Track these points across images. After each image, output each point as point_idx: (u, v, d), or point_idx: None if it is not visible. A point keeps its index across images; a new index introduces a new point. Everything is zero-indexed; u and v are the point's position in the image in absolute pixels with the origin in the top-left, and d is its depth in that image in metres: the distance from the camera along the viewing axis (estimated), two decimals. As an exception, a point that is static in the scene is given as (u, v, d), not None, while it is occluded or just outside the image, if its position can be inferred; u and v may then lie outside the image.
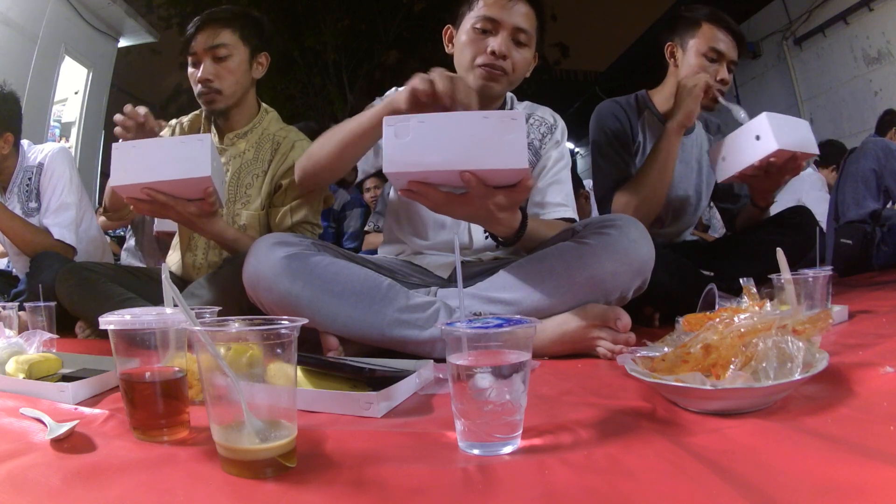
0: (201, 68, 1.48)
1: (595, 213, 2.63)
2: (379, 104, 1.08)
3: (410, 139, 0.89)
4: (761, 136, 1.41)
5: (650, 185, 1.52)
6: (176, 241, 1.69)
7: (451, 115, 0.92)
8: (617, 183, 1.59)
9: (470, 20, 1.25)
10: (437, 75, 0.99)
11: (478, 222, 1.10)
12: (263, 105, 1.64)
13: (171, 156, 1.15)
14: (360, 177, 1.29)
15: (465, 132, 0.88)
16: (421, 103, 1.00)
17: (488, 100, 1.29)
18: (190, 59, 1.50)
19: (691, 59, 1.61)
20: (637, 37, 7.32)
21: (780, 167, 1.44)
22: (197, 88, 1.50)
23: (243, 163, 1.55)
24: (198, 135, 1.19)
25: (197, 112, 1.66)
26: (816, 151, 1.48)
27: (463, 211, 0.99)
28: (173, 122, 1.69)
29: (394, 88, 1.39)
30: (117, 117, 1.32)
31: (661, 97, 1.72)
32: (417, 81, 0.99)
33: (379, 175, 3.49)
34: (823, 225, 2.42)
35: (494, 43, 1.22)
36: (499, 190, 0.94)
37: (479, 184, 0.91)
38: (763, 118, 1.41)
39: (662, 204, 1.57)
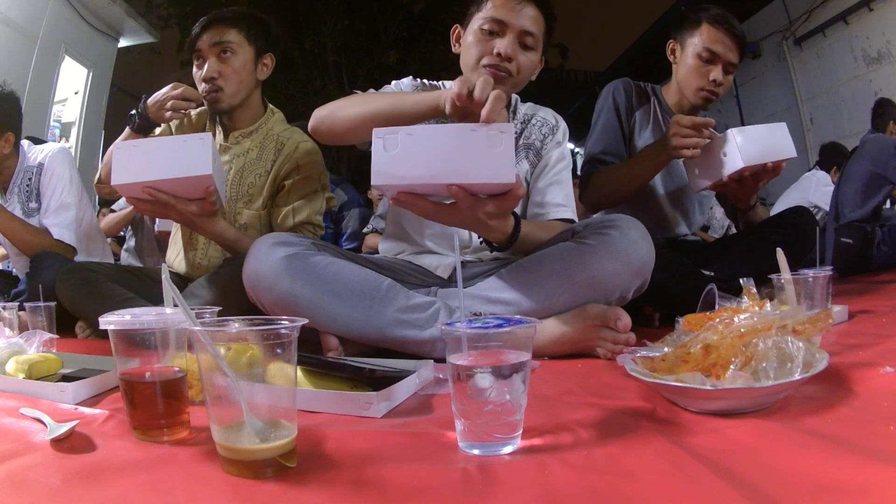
0: (206, 66, 1.47)
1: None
2: (425, 97, 1.04)
3: (398, 151, 0.88)
4: (728, 153, 1.44)
5: (627, 180, 1.59)
6: (173, 236, 1.69)
7: (439, 128, 0.91)
8: (603, 151, 1.67)
9: (478, 21, 1.25)
10: (481, 84, 0.94)
11: (469, 229, 1.10)
12: (270, 106, 1.64)
13: (172, 155, 1.15)
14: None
15: (452, 145, 0.88)
16: (461, 110, 0.98)
17: None
18: (195, 60, 1.49)
19: (688, 58, 1.63)
20: (637, 37, 7.31)
21: (754, 175, 1.47)
22: (201, 87, 1.49)
23: (247, 162, 1.55)
24: (199, 134, 1.19)
25: (204, 108, 1.66)
26: (792, 154, 1.49)
27: (452, 220, 0.99)
28: None
29: (409, 78, 1.38)
30: (175, 100, 1.34)
31: (670, 94, 1.76)
32: (458, 86, 0.96)
33: None
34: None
35: (501, 45, 1.21)
36: (488, 199, 0.94)
37: (466, 195, 0.91)
38: (729, 135, 1.43)
39: (630, 196, 1.62)
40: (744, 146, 1.41)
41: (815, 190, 3.41)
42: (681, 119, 1.44)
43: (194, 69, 1.50)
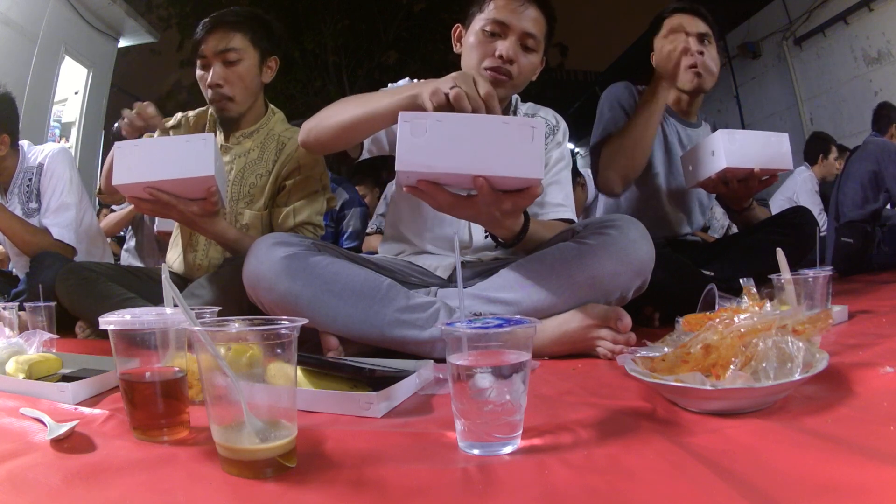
0: (211, 72, 1.46)
1: (591, 193, 2.68)
2: (400, 95, 1.03)
3: (426, 139, 0.86)
4: (715, 152, 1.45)
5: (635, 133, 1.57)
6: (174, 238, 1.69)
7: (470, 118, 0.89)
8: (609, 134, 1.67)
9: (479, 22, 1.24)
10: (454, 95, 0.92)
11: (482, 224, 1.10)
12: (271, 106, 1.64)
13: (174, 155, 1.15)
14: (364, 155, 1.29)
15: (482, 136, 0.86)
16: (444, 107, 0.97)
17: None
18: (199, 62, 1.48)
19: (665, 48, 1.65)
20: (637, 37, 7.31)
21: (743, 181, 1.47)
22: (208, 93, 1.49)
23: (248, 162, 1.55)
24: (201, 134, 1.19)
25: (203, 108, 1.65)
26: (788, 167, 1.51)
27: (467, 213, 0.98)
28: (179, 115, 1.67)
29: (406, 79, 1.38)
30: (128, 113, 1.32)
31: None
32: (433, 93, 0.94)
33: (368, 184, 3.50)
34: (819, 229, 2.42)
35: (502, 47, 1.21)
36: (506, 195, 0.93)
37: (489, 189, 0.90)
38: (717, 136, 1.45)
39: (644, 160, 1.61)
40: (729, 148, 1.42)
41: (800, 189, 3.42)
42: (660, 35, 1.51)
43: (198, 71, 1.50)
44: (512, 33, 1.22)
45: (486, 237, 1.32)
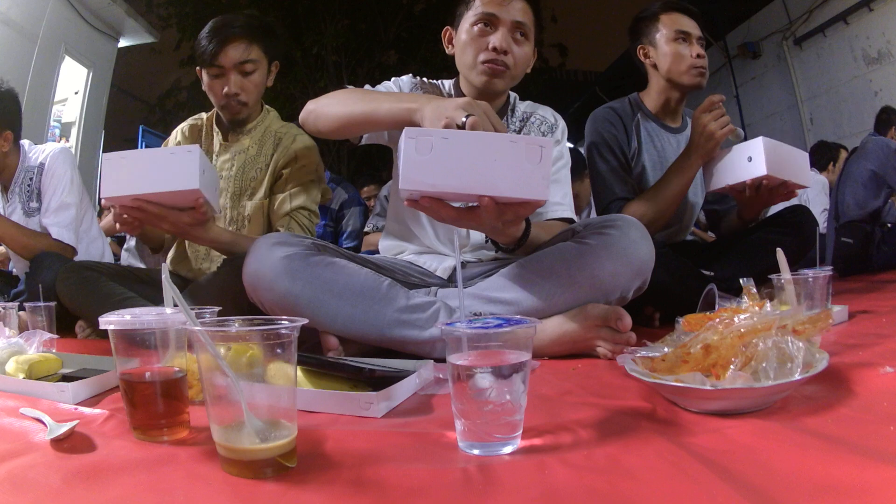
0: (230, 83, 1.49)
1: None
2: (399, 105, 1.04)
3: (431, 156, 0.85)
4: (753, 158, 1.45)
5: (665, 202, 1.56)
6: (175, 239, 1.70)
7: (476, 136, 0.88)
8: (624, 193, 1.63)
9: (468, 19, 1.26)
10: (471, 123, 0.92)
11: (483, 232, 1.11)
12: (266, 105, 1.68)
13: (160, 168, 1.15)
14: (363, 140, 1.31)
15: (488, 155, 0.85)
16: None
17: (491, 96, 1.29)
18: (212, 72, 1.50)
19: (665, 49, 1.66)
20: (637, 37, 7.29)
21: (771, 190, 1.48)
22: (221, 101, 1.52)
23: (247, 158, 1.59)
24: (187, 146, 1.19)
25: (195, 118, 1.69)
26: (808, 185, 1.52)
27: (470, 224, 0.98)
28: (175, 132, 1.71)
29: (409, 76, 1.39)
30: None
31: (650, 99, 1.75)
32: (451, 117, 0.94)
33: (376, 182, 3.51)
34: (821, 227, 2.42)
35: (495, 39, 1.22)
36: (508, 206, 0.93)
37: (493, 205, 0.90)
38: (759, 142, 1.44)
39: (670, 216, 1.61)
40: (769, 156, 1.42)
41: (808, 191, 3.42)
42: (703, 107, 1.48)
43: (208, 80, 1.51)
44: (502, 25, 1.23)
45: (487, 242, 1.32)
